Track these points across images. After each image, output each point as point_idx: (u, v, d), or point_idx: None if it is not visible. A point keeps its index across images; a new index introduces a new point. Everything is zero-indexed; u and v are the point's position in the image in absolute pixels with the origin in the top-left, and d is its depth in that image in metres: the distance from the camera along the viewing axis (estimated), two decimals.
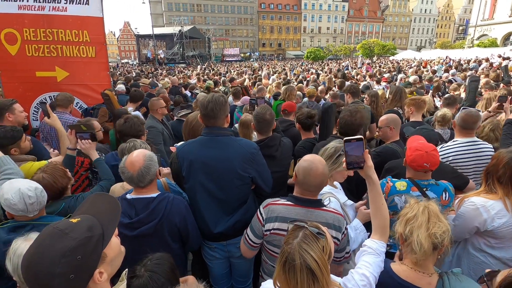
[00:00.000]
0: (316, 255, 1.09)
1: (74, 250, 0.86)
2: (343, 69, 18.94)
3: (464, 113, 2.69)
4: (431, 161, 1.93)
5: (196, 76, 12.47)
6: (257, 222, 1.80)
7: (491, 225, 1.79)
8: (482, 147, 2.65)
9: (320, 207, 1.74)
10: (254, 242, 1.83)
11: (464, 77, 9.54)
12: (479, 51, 25.30)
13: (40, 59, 4.49)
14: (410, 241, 1.36)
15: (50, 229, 0.90)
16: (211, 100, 2.00)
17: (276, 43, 76.03)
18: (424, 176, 2.04)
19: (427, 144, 1.99)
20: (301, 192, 1.75)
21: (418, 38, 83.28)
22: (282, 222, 1.72)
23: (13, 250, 1.43)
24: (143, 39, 54.09)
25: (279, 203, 1.78)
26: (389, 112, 3.97)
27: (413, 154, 1.98)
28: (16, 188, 1.71)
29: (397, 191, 2.07)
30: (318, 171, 1.67)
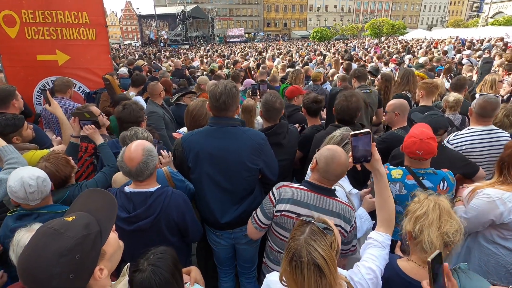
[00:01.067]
0: (323, 252, 1.07)
1: (72, 249, 0.84)
2: (350, 50, 18.40)
3: (482, 100, 2.52)
4: (424, 149, 1.88)
5: (199, 59, 12.24)
6: (269, 202, 1.80)
7: (508, 218, 1.73)
8: (499, 135, 2.53)
9: (334, 196, 1.73)
10: (263, 222, 1.83)
11: (479, 57, 9.19)
12: (493, 30, 24.26)
13: (40, 42, 4.41)
14: (420, 239, 1.31)
15: (45, 229, 0.88)
16: (223, 92, 1.93)
17: (281, 22, 73.82)
18: (421, 165, 2.00)
19: (426, 132, 1.94)
20: (318, 180, 1.73)
21: (429, 16, 79.97)
22: (293, 204, 1.71)
23: (16, 241, 1.45)
24: (145, 19, 52.97)
25: (294, 186, 1.78)
26: (397, 96, 3.85)
27: (407, 141, 1.95)
28: (19, 176, 1.73)
29: (392, 179, 2.05)
30: (341, 160, 1.64)
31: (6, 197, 1.92)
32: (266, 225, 1.84)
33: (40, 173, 1.78)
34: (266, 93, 2.59)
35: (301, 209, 1.69)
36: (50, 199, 1.89)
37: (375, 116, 4.13)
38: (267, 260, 1.94)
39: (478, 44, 16.04)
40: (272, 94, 2.52)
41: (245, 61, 9.84)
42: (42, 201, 1.80)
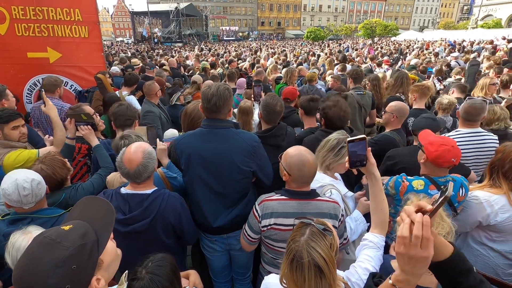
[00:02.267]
0: (323, 253, 1.09)
1: (68, 259, 0.82)
2: (343, 50, 18.53)
3: (467, 105, 2.62)
4: (458, 155, 1.86)
5: (194, 57, 12.14)
6: (254, 218, 1.81)
7: (494, 220, 1.78)
8: (486, 138, 2.61)
9: (315, 197, 1.74)
10: (252, 237, 1.85)
11: (467, 60, 9.36)
12: (483, 32, 24.77)
13: (31, 39, 4.32)
14: None
15: (41, 239, 0.86)
16: (215, 94, 1.91)
17: (275, 21, 73.78)
18: (440, 172, 1.95)
19: (448, 138, 1.93)
20: (296, 186, 1.74)
21: (421, 18, 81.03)
22: (278, 217, 1.72)
23: (11, 243, 1.42)
24: (138, 16, 52.23)
25: (273, 198, 1.77)
26: (391, 98, 3.90)
27: (439, 150, 1.85)
28: (13, 179, 1.70)
29: (415, 190, 1.97)
30: (310, 162, 1.67)
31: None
32: (256, 239, 1.86)
33: (35, 176, 1.74)
34: (266, 96, 2.57)
35: (287, 220, 1.70)
36: (44, 202, 1.86)
37: (369, 117, 4.17)
38: (263, 262, 1.96)
39: (469, 46, 16.34)
40: (272, 96, 2.51)
41: (241, 62, 9.82)
42: (36, 204, 1.76)
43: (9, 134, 2.44)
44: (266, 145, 2.21)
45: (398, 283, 0.93)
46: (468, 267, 0.92)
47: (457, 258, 0.91)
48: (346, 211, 1.92)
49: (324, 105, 2.53)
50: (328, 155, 1.93)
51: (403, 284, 0.93)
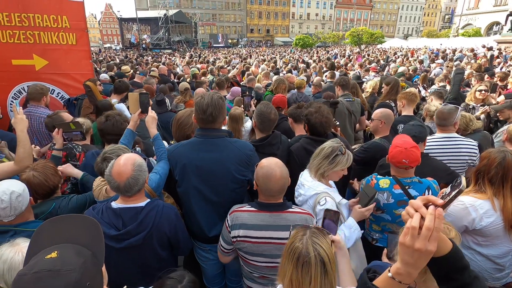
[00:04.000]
0: (327, 249, 1.12)
1: (81, 280, 0.80)
2: (331, 57, 18.88)
3: (438, 110, 2.80)
4: (410, 157, 1.95)
5: (185, 65, 12.10)
6: (225, 228, 1.81)
7: (480, 224, 1.82)
8: (460, 143, 2.70)
9: (285, 209, 1.73)
10: (225, 248, 1.84)
11: (451, 67, 9.68)
12: (464, 41, 25.76)
13: (16, 46, 4.23)
14: None
15: (32, 276, 0.78)
16: (210, 104, 1.89)
17: (264, 29, 74.66)
18: (407, 174, 2.07)
19: (409, 141, 2.02)
20: (264, 198, 1.74)
21: (405, 26, 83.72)
22: (246, 229, 1.71)
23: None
24: (126, 22, 51.85)
25: (243, 209, 1.77)
26: (381, 105, 3.98)
27: (393, 151, 2.02)
28: None
29: (380, 188, 2.12)
30: (277, 176, 1.65)
31: None
32: (229, 250, 1.85)
33: (16, 188, 1.65)
34: (260, 105, 2.57)
35: (255, 232, 1.70)
36: (29, 215, 1.79)
37: (358, 124, 4.25)
38: (243, 277, 1.97)
39: (451, 54, 16.94)
40: (266, 105, 2.51)
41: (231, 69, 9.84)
42: (17, 217, 1.68)
43: None
44: (261, 154, 2.20)
45: (397, 276, 0.92)
46: (464, 264, 0.92)
47: (455, 255, 0.90)
48: (340, 218, 1.93)
49: (306, 111, 2.55)
50: (323, 162, 1.95)
51: (403, 277, 0.91)
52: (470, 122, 3.16)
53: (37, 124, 3.46)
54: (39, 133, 3.50)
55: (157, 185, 1.99)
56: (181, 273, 1.28)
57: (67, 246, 0.88)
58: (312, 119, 2.47)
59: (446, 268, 0.91)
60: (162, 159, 2.14)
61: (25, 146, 2.28)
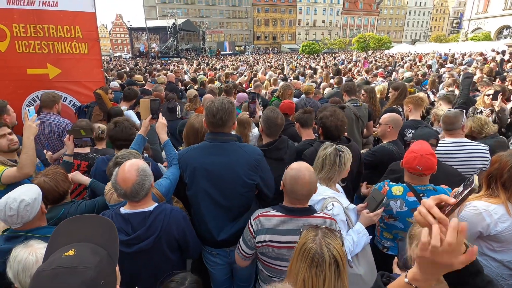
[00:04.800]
0: (339, 248, 1.12)
1: (96, 277, 0.82)
2: (338, 63, 18.87)
3: (443, 115, 2.76)
4: (425, 164, 1.90)
5: (192, 72, 12.28)
6: (249, 233, 1.79)
7: (495, 230, 1.78)
8: (471, 148, 2.65)
9: (311, 214, 1.73)
10: (247, 252, 1.82)
11: (459, 72, 9.56)
12: (473, 45, 25.44)
13: (31, 56, 4.37)
14: None
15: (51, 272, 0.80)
16: (220, 108, 1.93)
17: (271, 36, 75.37)
18: (421, 181, 2.02)
19: (426, 148, 1.97)
20: (290, 201, 1.73)
21: (412, 32, 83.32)
22: (273, 234, 1.70)
23: (13, 257, 1.42)
24: (136, 32, 53.12)
25: (269, 214, 1.75)
26: (389, 110, 3.96)
27: (408, 156, 1.97)
28: (7, 196, 1.68)
29: (393, 195, 2.06)
30: (305, 179, 1.64)
31: None
32: (250, 255, 1.83)
33: (28, 197, 1.67)
34: (266, 110, 2.60)
35: (282, 237, 1.68)
36: (41, 222, 1.82)
37: (366, 129, 4.22)
38: (259, 280, 1.96)
39: (460, 58, 16.74)
40: (273, 110, 2.53)
41: (239, 76, 9.95)
42: (26, 225, 1.72)
43: None
44: (269, 159, 2.21)
45: (414, 282, 0.89)
46: (478, 269, 0.90)
47: None
48: (348, 223, 1.91)
49: (321, 115, 2.55)
50: (333, 170, 1.94)
51: (420, 283, 0.88)
52: (485, 125, 3.04)
53: (49, 130, 3.56)
54: (51, 140, 3.59)
55: (167, 190, 2.01)
56: (183, 275, 1.29)
57: (84, 245, 0.91)
58: (327, 123, 2.47)
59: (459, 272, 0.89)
60: (172, 165, 2.17)
61: (28, 152, 2.29)
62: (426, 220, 0.82)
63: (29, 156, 2.29)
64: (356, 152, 2.48)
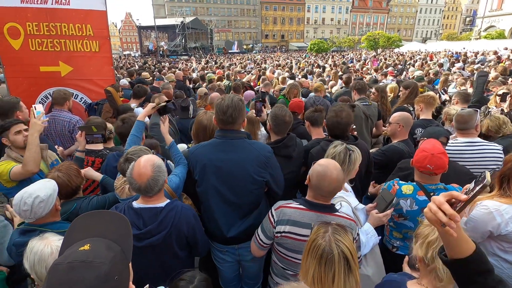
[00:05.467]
0: (349, 246, 1.12)
1: (110, 272, 0.84)
2: (347, 62, 18.69)
3: (457, 113, 2.71)
4: (436, 163, 1.87)
5: (200, 71, 12.35)
6: (268, 223, 1.79)
7: (505, 230, 1.75)
8: (484, 148, 2.59)
9: (333, 212, 1.72)
10: (265, 242, 1.83)
11: (472, 71, 9.36)
12: (486, 43, 24.83)
13: (44, 54, 4.46)
14: (433, 266, 1.25)
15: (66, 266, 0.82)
16: (230, 105, 1.93)
17: (279, 34, 75.06)
18: (431, 180, 1.99)
19: (437, 147, 1.93)
20: (314, 197, 1.73)
21: (423, 30, 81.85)
22: (293, 225, 1.70)
23: (29, 248, 1.46)
24: (145, 30, 53.59)
25: (292, 206, 1.76)
26: (399, 109, 3.91)
27: (418, 155, 1.95)
28: (24, 191, 1.73)
29: (403, 194, 2.04)
30: (333, 177, 1.64)
31: None
32: (267, 245, 1.84)
33: (43, 193, 1.71)
34: (274, 107, 2.60)
35: (301, 230, 1.69)
36: (55, 217, 1.86)
37: (375, 128, 4.17)
38: (272, 274, 1.94)
39: (473, 57, 16.38)
40: (280, 108, 2.53)
41: (247, 74, 9.96)
42: (39, 219, 1.76)
43: (14, 139, 2.49)
44: (277, 156, 2.21)
45: None
46: (488, 268, 0.89)
47: (478, 258, 0.88)
48: (357, 224, 1.90)
49: (328, 113, 2.56)
50: (342, 168, 1.91)
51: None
52: (503, 125, 2.97)
53: (60, 127, 3.63)
54: (62, 136, 3.66)
55: (176, 186, 2.05)
56: (192, 274, 1.30)
57: (99, 240, 0.92)
58: (331, 120, 2.47)
59: (468, 270, 0.89)
60: (180, 164, 2.20)
61: (31, 149, 2.32)
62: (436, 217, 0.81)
63: (32, 154, 2.32)
64: (364, 151, 2.46)
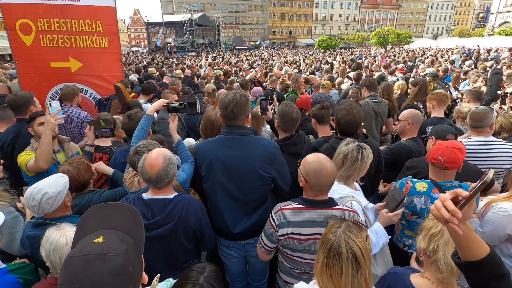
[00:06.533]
0: (360, 244, 1.10)
1: (124, 264, 0.85)
2: (356, 58, 18.44)
3: (471, 111, 2.64)
4: (447, 156, 1.84)
5: (208, 66, 12.35)
6: (270, 227, 1.79)
7: None
8: (498, 147, 2.53)
9: (333, 206, 1.72)
10: (269, 246, 1.83)
11: (484, 68, 9.13)
12: (500, 40, 24.18)
13: (55, 50, 4.51)
14: (435, 258, 1.28)
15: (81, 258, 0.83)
16: (231, 101, 1.94)
17: (287, 30, 74.48)
18: (445, 177, 1.96)
19: (455, 142, 1.91)
20: (313, 194, 1.72)
21: (434, 26, 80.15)
22: (295, 226, 1.70)
23: (46, 237, 1.50)
24: (153, 27, 53.82)
25: (290, 207, 1.75)
26: (409, 106, 3.84)
27: (433, 148, 1.93)
28: (35, 186, 1.76)
29: (417, 192, 2.01)
30: (329, 170, 1.66)
31: None
32: (272, 248, 1.84)
33: (52, 190, 1.74)
34: (282, 104, 2.58)
35: (304, 229, 1.68)
36: (65, 212, 1.89)
37: (385, 126, 4.11)
38: (280, 271, 1.94)
39: (486, 54, 15.98)
40: (288, 105, 2.51)
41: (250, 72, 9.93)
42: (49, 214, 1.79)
43: (37, 130, 2.62)
44: (286, 153, 2.20)
45: None
46: (503, 273, 0.87)
47: (492, 262, 0.86)
48: (366, 223, 1.88)
49: (338, 111, 2.52)
50: (354, 167, 1.91)
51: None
52: None
53: (69, 122, 3.68)
54: (71, 131, 3.72)
55: (184, 180, 2.08)
56: (202, 265, 1.32)
57: (112, 232, 0.93)
58: (342, 118, 2.44)
59: (481, 274, 0.87)
60: (187, 161, 2.23)
61: (41, 146, 2.38)
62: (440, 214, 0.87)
63: (43, 151, 2.38)
64: (374, 149, 2.43)
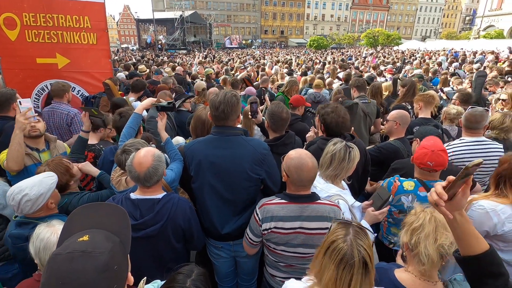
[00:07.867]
0: (368, 249, 1.11)
1: (109, 262, 0.84)
2: (346, 59, 18.65)
3: (468, 113, 2.70)
4: (436, 160, 1.90)
5: (198, 64, 12.26)
6: (255, 222, 1.82)
7: (502, 230, 1.77)
8: (490, 147, 2.61)
9: (314, 200, 1.74)
10: (254, 240, 1.86)
11: (470, 70, 9.38)
12: (485, 43, 24.87)
13: (40, 45, 4.40)
14: (416, 251, 1.33)
15: (66, 256, 0.83)
16: (222, 101, 1.93)
17: (278, 30, 74.59)
18: (431, 177, 2.01)
19: (437, 144, 1.95)
20: (295, 189, 1.75)
21: (423, 28, 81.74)
22: (278, 221, 1.73)
23: (36, 234, 1.48)
24: (143, 23, 52.99)
25: (273, 202, 1.78)
26: (397, 107, 3.91)
27: (419, 152, 1.98)
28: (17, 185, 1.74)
29: (404, 190, 2.06)
30: (309, 165, 1.68)
31: None
32: (257, 242, 1.87)
33: (32, 192, 1.71)
34: (271, 104, 2.59)
35: (286, 223, 1.71)
36: (49, 211, 1.86)
37: (373, 126, 4.18)
38: (266, 265, 1.98)
39: (471, 56, 16.40)
40: (277, 105, 2.52)
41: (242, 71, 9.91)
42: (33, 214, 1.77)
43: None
44: (275, 154, 2.20)
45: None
46: (501, 272, 0.90)
47: (489, 259, 0.89)
48: (340, 209, 1.91)
49: (322, 111, 2.53)
50: (342, 166, 1.93)
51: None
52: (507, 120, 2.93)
53: (58, 119, 3.60)
54: (61, 128, 3.64)
55: (172, 179, 2.05)
56: (190, 268, 1.32)
57: (98, 231, 0.93)
58: (328, 119, 2.46)
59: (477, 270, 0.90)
60: (175, 160, 2.20)
61: (11, 147, 2.26)
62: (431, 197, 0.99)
63: (12, 151, 2.26)
64: (361, 149, 2.46)
